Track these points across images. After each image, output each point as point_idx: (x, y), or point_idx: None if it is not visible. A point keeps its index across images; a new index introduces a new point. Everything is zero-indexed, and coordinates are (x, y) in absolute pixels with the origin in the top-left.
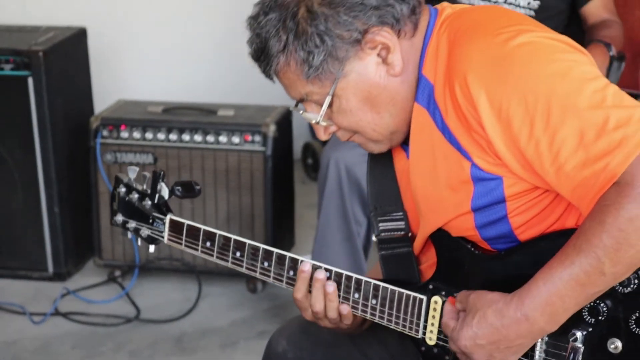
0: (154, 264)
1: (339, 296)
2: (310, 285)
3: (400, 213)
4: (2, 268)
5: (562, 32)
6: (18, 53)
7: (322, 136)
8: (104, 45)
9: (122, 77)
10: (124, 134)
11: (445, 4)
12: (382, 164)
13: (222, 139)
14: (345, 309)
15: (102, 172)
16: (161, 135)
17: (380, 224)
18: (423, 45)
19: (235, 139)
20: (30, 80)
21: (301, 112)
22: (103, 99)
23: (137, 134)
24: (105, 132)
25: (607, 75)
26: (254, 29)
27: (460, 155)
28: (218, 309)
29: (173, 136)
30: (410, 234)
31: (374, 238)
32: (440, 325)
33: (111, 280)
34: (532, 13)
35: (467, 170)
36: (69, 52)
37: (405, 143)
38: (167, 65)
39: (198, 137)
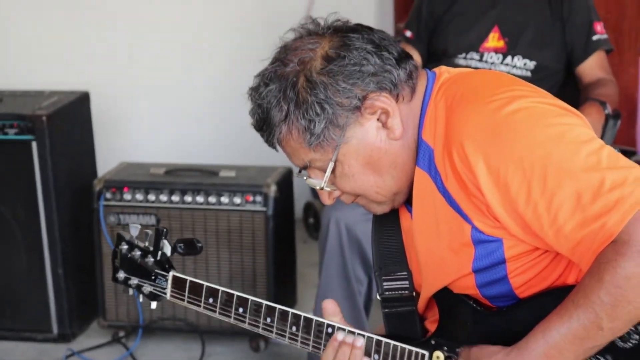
0: (158, 324)
1: None
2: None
3: (405, 272)
4: (7, 330)
5: (558, 92)
6: (22, 117)
7: (327, 201)
8: (107, 108)
9: (124, 140)
10: (127, 196)
11: (443, 67)
12: (387, 223)
13: (224, 199)
14: None
15: (106, 233)
16: (164, 197)
17: (385, 283)
18: (422, 110)
19: (237, 200)
20: (34, 144)
21: (305, 178)
22: (106, 161)
23: (139, 196)
24: (108, 195)
25: (603, 133)
26: (255, 100)
27: (461, 218)
28: None
29: (175, 197)
30: (414, 293)
31: (377, 297)
32: None
33: (115, 340)
34: (529, 74)
35: (467, 233)
36: (72, 116)
37: (408, 202)
38: (168, 128)
39: (200, 198)
